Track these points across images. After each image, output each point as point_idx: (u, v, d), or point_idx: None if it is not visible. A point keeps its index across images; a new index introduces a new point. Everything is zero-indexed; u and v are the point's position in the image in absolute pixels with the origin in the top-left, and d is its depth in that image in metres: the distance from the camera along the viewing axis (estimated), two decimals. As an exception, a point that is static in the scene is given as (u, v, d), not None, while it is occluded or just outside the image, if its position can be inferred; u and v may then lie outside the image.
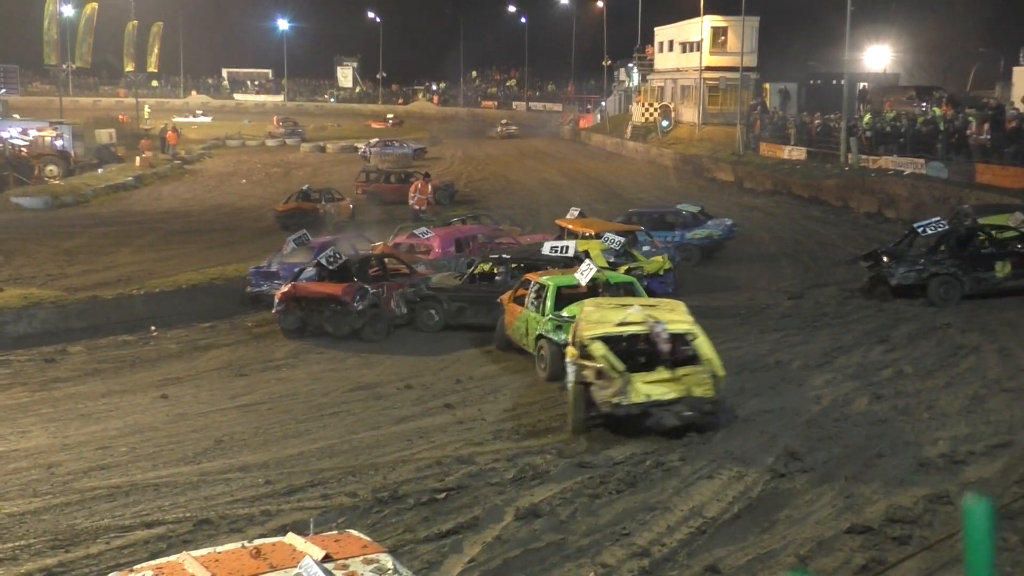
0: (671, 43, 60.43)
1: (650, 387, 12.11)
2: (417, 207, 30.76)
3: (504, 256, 19.30)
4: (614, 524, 9.82)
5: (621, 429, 12.35)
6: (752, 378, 14.64)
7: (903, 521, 9.63)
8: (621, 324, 12.80)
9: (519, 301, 16.53)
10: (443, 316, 18.48)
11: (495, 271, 18.96)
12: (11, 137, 43.78)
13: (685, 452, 11.81)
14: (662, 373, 12.28)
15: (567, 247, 18.43)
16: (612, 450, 11.96)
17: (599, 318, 13.10)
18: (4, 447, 12.47)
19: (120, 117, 61.44)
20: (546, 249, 18.73)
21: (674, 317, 13.03)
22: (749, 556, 9.09)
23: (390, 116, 78.74)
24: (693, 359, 12.59)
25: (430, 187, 31.79)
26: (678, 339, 12.82)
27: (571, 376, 12.76)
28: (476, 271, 18.90)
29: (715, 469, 11.24)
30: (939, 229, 19.48)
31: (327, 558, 5.46)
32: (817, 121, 41.92)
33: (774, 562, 8.96)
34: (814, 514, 9.96)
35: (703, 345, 12.56)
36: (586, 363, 12.46)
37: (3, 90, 68.99)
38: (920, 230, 19.63)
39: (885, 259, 19.48)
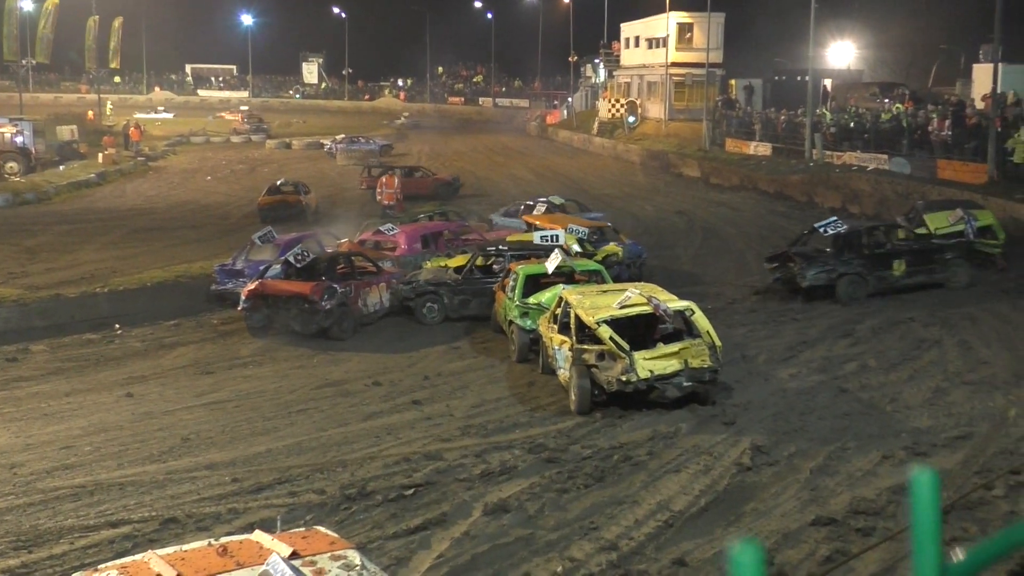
0: (637, 39, 60.66)
1: (652, 363, 13.05)
2: (386, 202, 30.62)
3: (501, 248, 19.63)
4: (582, 518, 9.87)
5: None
6: (721, 373, 14.72)
7: (867, 513, 9.74)
8: (623, 307, 13.49)
9: (504, 288, 17.28)
10: (443, 309, 18.71)
11: (493, 263, 19.36)
12: (-29, 134, 43.18)
13: (652, 446, 11.88)
14: (661, 349, 13.20)
15: (556, 236, 18.86)
16: (579, 445, 12.02)
17: (593, 303, 13.87)
18: (-34, 447, 12.33)
19: (88, 114, 60.73)
20: (537, 239, 19.28)
21: (668, 297, 13.94)
22: (716, 549, 9.16)
23: (244, 107, 77.04)
24: (678, 335, 13.60)
25: (396, 181, 31.66)
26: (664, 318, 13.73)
27: (565, 362, 13.64)
28: (475, 263, 19.27)
29: (682, 463, 11.32)
30: (838, 229, 19.65)
31: (294, 555, 5.44)
32: (783, 117, 42.22)
33: (741, 554, 9.02)
34: (780, 507, 10.05)
35: (700, 319, 13.62)
36: (587, 347, 13.40)
37: (-38, 86, 68.06)
38: (821, 229, 19.72)
39: (797, 262, 19.34)
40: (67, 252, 25.95)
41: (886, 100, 40.58)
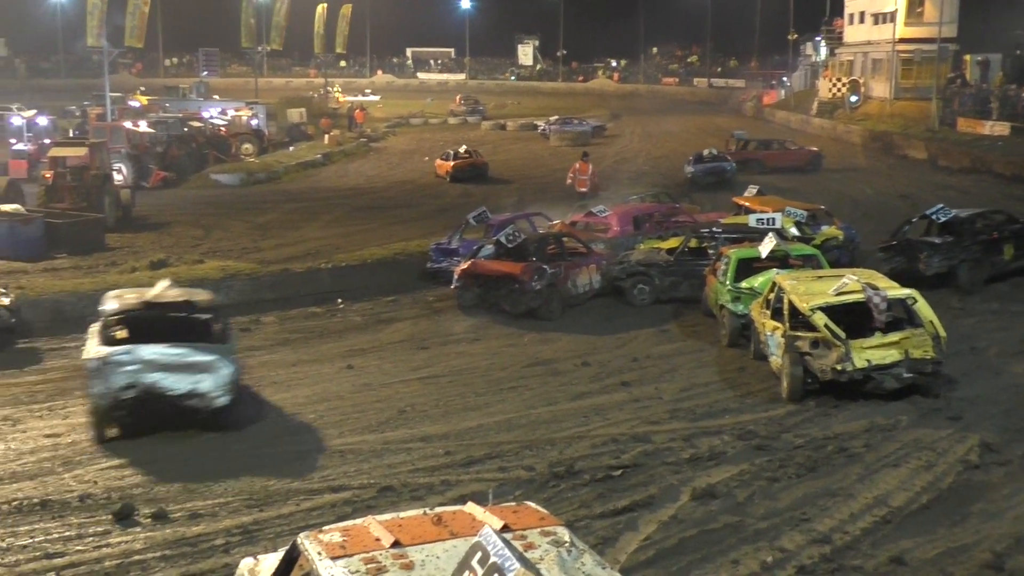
0: (862, 14, 58.00)
1: (870, 352, 12.61)
2: (579, 189, 29.18)
3: (715, 230, 19.40)
4: (793, 509, 9.62)
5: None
6: (944, 364, 13.99)
7: (1113, 521, 9.04)
8: (839, 293, 13.10)
9: (714, 272, 17.09)
10: (654, 291, 18.70)
11: (707, 245, 19.11)
12: (211, 117, 46.16)
13: (869, 438, 11.45)
14: (880, 338, 12.71)
15: (773, 219, 18.46)
16: (791, 434, 11.71)
17: (808, 289, 13.51)
18: (204, 410, 13.16)
19: (338, 98, 64.18)
20: (752, 221, 18.97)
21: (888, 284, 13.42)
22: (938, 549, 8.73)
23: (142, 88, 71.56)
24: (899, 324, 13.07)
25: (590, 167, 30.07)
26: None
27: (778, 348, 13.35)
28: (688, 245, 19.14)
29: (902, 457, 10.85)
30: (948, 215, 19.47)
31: (506, 528, 5.52)
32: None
33: (966, 557, 8.56)
34: (1012, 509, 9.47)
35: (923, 308, 13.09)
36: (801, 334, 13.04)
37: (205, 72, 72.84)
38: (933, 216, 19.62)
39: (924, 250, 18.94)
40: (294, 229, 27.32)
41: None
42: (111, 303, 12.71)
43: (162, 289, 12.73)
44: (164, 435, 12.07)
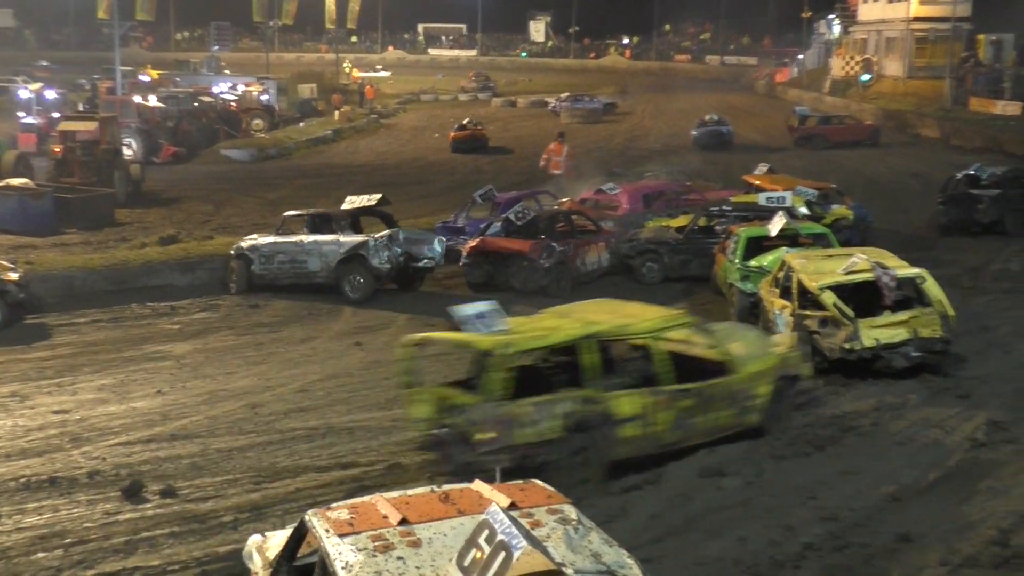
0: (876, -8, 57.70)
1: (878, 331, 12.64)
2: (552, 171, 27.12)
3: (725, 208, 19.34)
4: (801, 487, 9.61)
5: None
6: (954, 343, 13.97)
7: (1120, 500, 9.02)
8: (848, 272, 13.09)
9: (723, 250, 17.11)
10: (663, 269, 18.68)
11: (716, 223, 19.03)
12: (222, 92, 46.09)
13: (877, 417, 11.44)
14: (888, 317, 12.73)
15: (783, 198, 18.39)
16: (799, 412, 11.69)
17: (817, 268, 13.51)
18: (214, 386, 13.24)
19: (352, 72, 64.11)
20: (762, 200, 18.85)
21: (898, 263, 13.41)
22: (945, 527, 8.72)
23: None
24: (908, 303, 13.13)
25: (565, 148, 27.48)
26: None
27: (786, 327, 13.33)
28: (698, 223, 19.08)
29: (910, 435, 10.85)
30: (987, 172, 22.39)
31: (513, 506, 5.54)
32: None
33: (973, 534, 8.56)
34: (1019, 487, 9.46)
35: (932, 287, 13.08)
36: (809, 313, 13.05)
37: (216, 47, 72.59)
38: (975, 173, 22.46)
39: (983, 201, 21.68)
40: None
41: None
42: (333, 210, 19.65)
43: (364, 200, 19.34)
44: (181, 416, 12.14)
